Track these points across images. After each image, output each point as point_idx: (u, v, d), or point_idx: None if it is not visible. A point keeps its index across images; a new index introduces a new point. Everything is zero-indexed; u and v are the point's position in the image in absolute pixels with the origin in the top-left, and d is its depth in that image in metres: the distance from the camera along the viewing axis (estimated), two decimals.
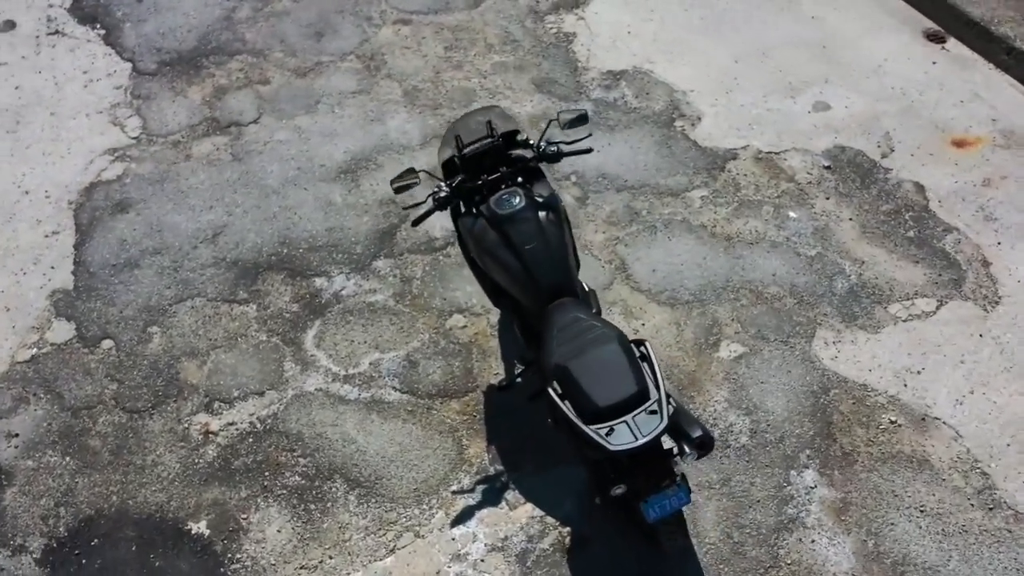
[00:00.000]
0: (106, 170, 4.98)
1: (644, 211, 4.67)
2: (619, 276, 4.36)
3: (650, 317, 4.17)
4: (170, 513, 3.52)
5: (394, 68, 5.64)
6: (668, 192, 4.77)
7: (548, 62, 5.64)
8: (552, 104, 5.33)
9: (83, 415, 3.84)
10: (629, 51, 5.72)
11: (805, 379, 3.90)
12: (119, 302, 4.29)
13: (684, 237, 4.53)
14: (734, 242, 4.50)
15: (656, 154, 4.99)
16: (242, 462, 3.67)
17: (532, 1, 6.16)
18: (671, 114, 5.25)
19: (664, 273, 4.36)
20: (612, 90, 5.42)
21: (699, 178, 4.85)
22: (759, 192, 4.77)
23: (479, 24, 5.98)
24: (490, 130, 3.43)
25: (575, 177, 4.87)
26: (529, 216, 3.28)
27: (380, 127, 5.22)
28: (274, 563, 3.37)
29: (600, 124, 5.18)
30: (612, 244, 4.51)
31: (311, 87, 5.52)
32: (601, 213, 4.67)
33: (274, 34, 5.94)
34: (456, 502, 3.52)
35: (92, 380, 3.96)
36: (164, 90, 5.50)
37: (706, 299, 4.24)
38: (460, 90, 5.46)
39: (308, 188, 4.85)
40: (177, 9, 6.19)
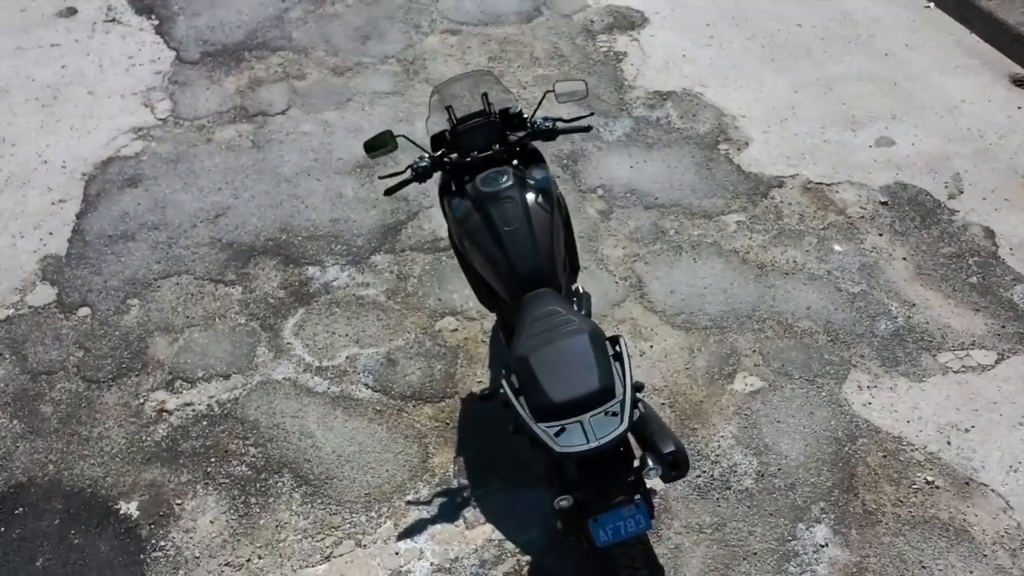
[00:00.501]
0: (126, 147, 4.90)
1: (671, 231, 4.27)
2: (633, 294, 3.95)
3: (660, 339, 3.74)
4: (103, 490, 3.24)
5: (433, 73, 5.46)
6: (701, 214, 4.36)
7: (593, 78, 5.36)
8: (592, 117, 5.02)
9: (41, 380, 3.63)
10: (681, 73, 5.39)
11: (830, 423, 3.39)
12: (106, 272, 4.12)
13: (712, 260, 4.10)
14: (767, 271, 4.05)
15: (694, 175, 4.61)
16: (190, 445, 3.37)
17: (587, 21, 5.93)
18: (716, 137, 4.87)
19: (683, 295, 3.93)
20: (656, 109, 5.09)
21: (737, 203, 4.43)
22: (803, 222, 4.31)
23: (528, 38, 5.77)
24: (487, 105, 3.14)
25: (602, 191, 4.52)
26: (514, 196, 2.94)
27: (407, 127, 5.00)
28: (198, 556, 3.03)
29: (638, 141, 4.84)
30: (631, 261, 4.12)
31: (346, 85, 5.38)
32: (624, 229, 4.29)
33: (321, 34, 5.87)
34: (408, 513, 3.12)
35: (60, 346, 3.77)
36: (201, 78, 5.45)
37: (726, 326, 3.78)
38: None
39: (321, 179, 4.64)
40: (232, 6, 6.20)
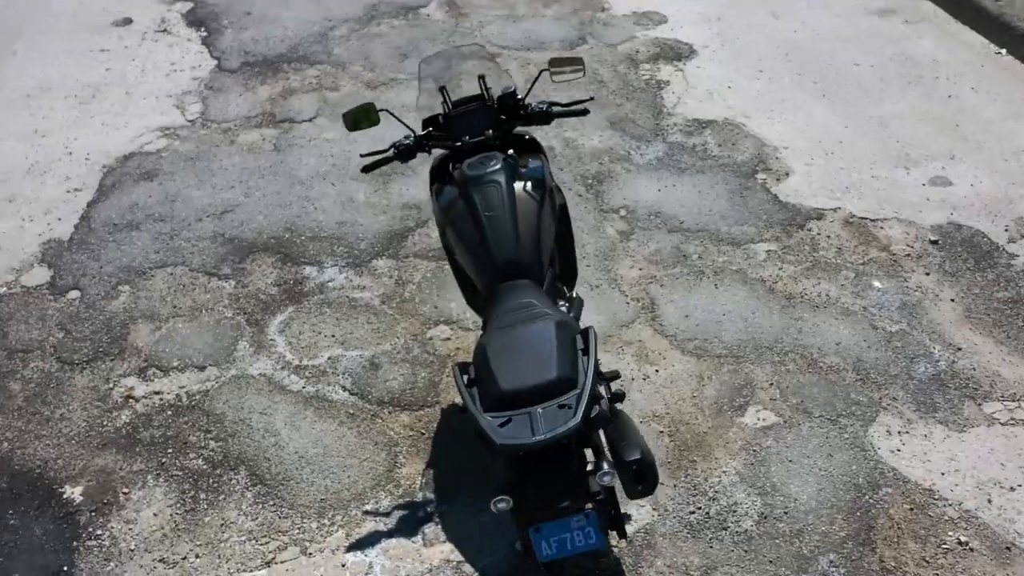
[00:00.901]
0: (150, 144, 4.87)
1: (694, 255, 3.96)
2: (644, 316, 3.64)
3: (668, 364, 3.41)
4: (51, 472, 3.05)
5: (466, 91, 5.31)
6: (729, 240, 4.04)
7: (631, 103, 5.15)
8: (621, 140, 4.80)
9: (17, 357, 3.51)
10: (724, 104, 5.13)
11: (850, 468, 2.98)
12: (103, 258, 4.02)
13: (735, 288, 3.77)
14: (795, 302, 3.69)
15: (726, 201, 4.30)
16: (150, 434, 3.17)
17: (632, 51, 5.75)
18: (754, 166, 4.57)
19: (699, 321, 3.60)
20: (693, 136, 4.83)
21: (770, 232, 4.10)
22: (841, 256, 3.95)
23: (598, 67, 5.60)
24: (484, 88, 2.95)
25: (624, 211, 4.25)
26: (499, 180, 2.71)
27: None
28: (133, 548, 2.79)
29: (669, 165, 4.58)
30: (646, 282, 3.81)
31: (377, 98, 5.28)
32: (643, 250, 4.00)
33: (361, 51, 5.83)
34: (364, 524, 2.84)
35: (43, 326, 3.65)
36: (236, 85, 5.44)
37: (743, 356, 3.43)
38: None
39: (336, 184, 4.50)
40: (279, 22, 6.25)
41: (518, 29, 6.10)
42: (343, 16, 6.34)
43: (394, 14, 6.36)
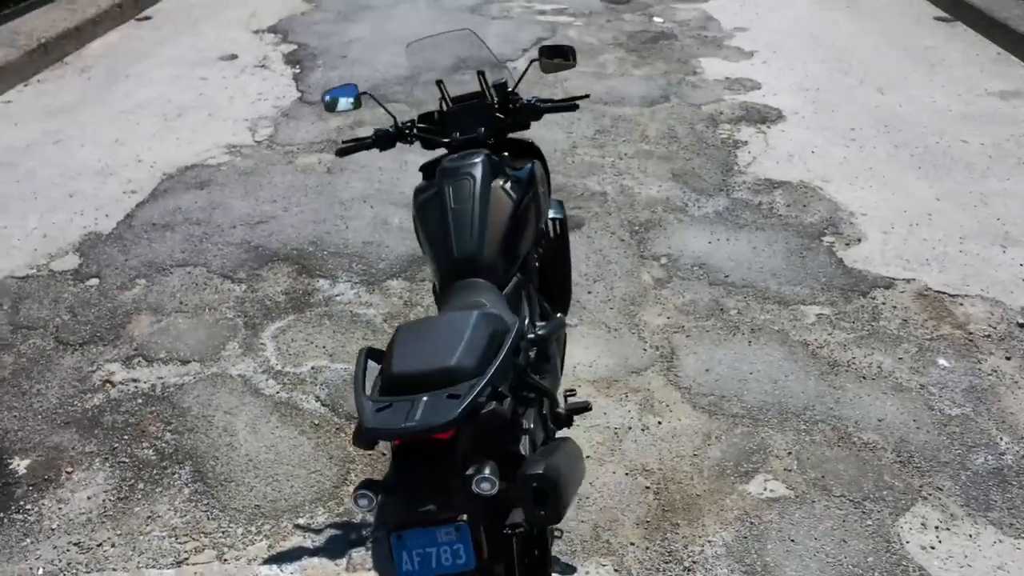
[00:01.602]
0: (213, 158, 4.97)
1: (733, 310, 3.56)
2: (659, 364, 3.26)
3: (674, 418, 3.00)
4: (7, 443, 2.97)
5: (533, 135, 5.18)
6: (776, 299, 3.62)
7: (701, 159, 4.85)
8: (681, 192, 4.50)
9: (19, 333, 3.52)
10: (804, 167, 4.75)
11: (865, 559, 2.47)
12: (131, 253, 4.05)
13: (771, 347, 3.34)
14: (839, 370, 3.21)
15: (782, 260, 3.89)
16: (113, 419, 3.05)
17: (716, 112, 5.49)
18: (823, 228, 4.14)
19: (721, 377, 3.19)
20: (761, 194, 4.46)
21: (826, 295, 3.65)
22: (905, 328, 3.45)
23: (645, 119, 5.40)
24: (484, 86, 2.78)
25: (666, 259, 3.92)
26: (474, 174, 2.49)
27: None
28: (55, 528, 2.63)
29: (728, 220, 4.22)
30: (671, 331, 3.44)
31: None
32: (677, 300, 3.63)
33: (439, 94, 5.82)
34: (291, 538, 2.56)
35: (54, 307, 3.67)
36: (311, 115, 5.54)
37: (763, 419, 2.98)
38: (587, 164, 4.84)
39: (374, 207, 4.41)
40: (371, 65, 6.39)
41: (602, 85, 5.96)
42: (432, 65, 6.40)
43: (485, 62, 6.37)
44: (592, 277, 3.80)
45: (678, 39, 6.88)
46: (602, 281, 3.77)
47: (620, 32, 7.07)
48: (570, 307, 3.00)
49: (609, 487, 2.72)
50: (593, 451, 2.86)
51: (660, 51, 6.61)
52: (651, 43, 6.80)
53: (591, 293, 3.69)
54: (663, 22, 7.34)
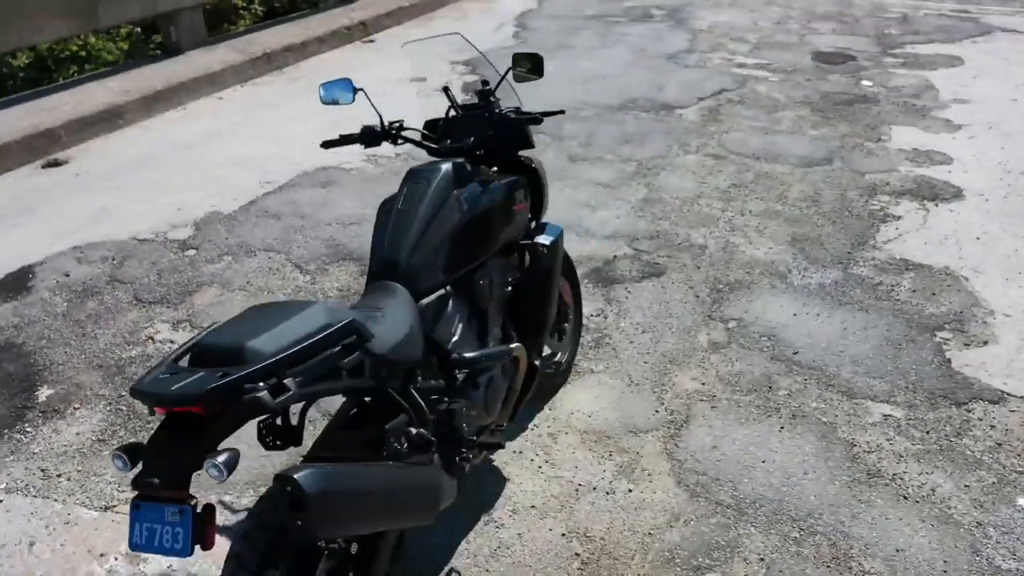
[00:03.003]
0: (349, 163, 5.26)
1: (783, 391, 3.10)
2: (664, 429, 2.91)
3: (649, 488, 2.65)
4: (45, 371, 3.30)
5: (660, 181, 4.94)
6: (842, 389, 3.10)
7: (834, 227, 4.33)
8: (790, 258, 4.03)
9: (112, 284, 3.92)
10: (956, 253, 4.07)
11: None
12: (234, 233, 4.38)
13: (805, 439, 2.85)
14: (878, 482, 2.67)
15: (872, 348, 3.33)
16: (135, 371, 3.29)
17: (880, 181, 4.89)
18: (943, 322, 3.50)
19: (726, 457, 2.77)
20: (887, 274, 3.87)
21: (906, 396, 3.06)
22: (992, 454, 2.79)
23: (793, 179, 4.93)
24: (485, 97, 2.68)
25: (734, 324, 3.51)
26: (432, 179, 2.40)
27: (587, 212, 4.56)
28: (36, 452, 2.87)
29: (829, 294, 3.71)
30: (697, 398, 3.06)
31: (567, 169, 5.15)
32: (724, 368, 3.23)
33: (590, 131, 5.76)
34: None
35: (149, 268, 4.05)
36: None
37: (749, 515, 2.54)
38: (702, 215, 4.50)
39: None
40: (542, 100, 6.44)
41: (763, 140, 5.54)
42: (599, 102, 6.35)
43: (648, 108, 6.21)
44: (643, 327, 3.49)
45: (878, 104, 6.23)
46: (651, 333, 3.45)
47: (815, 92, 6.54)
48: (543, 344, 2.76)
49: (536, 543, 2.45)
50: (543, 503, 2.60)
51: (850, 114, 6.02)
52: (844, 105, 6.21)
53: (632, 343, 3.39)
54: (871, 85, 6.69)
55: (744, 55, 7.61)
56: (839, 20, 9.01)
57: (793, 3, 9.87)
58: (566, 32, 8.66)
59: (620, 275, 3.91)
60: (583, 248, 4.15)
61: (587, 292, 3.76)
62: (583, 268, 3.96)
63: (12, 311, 3.72)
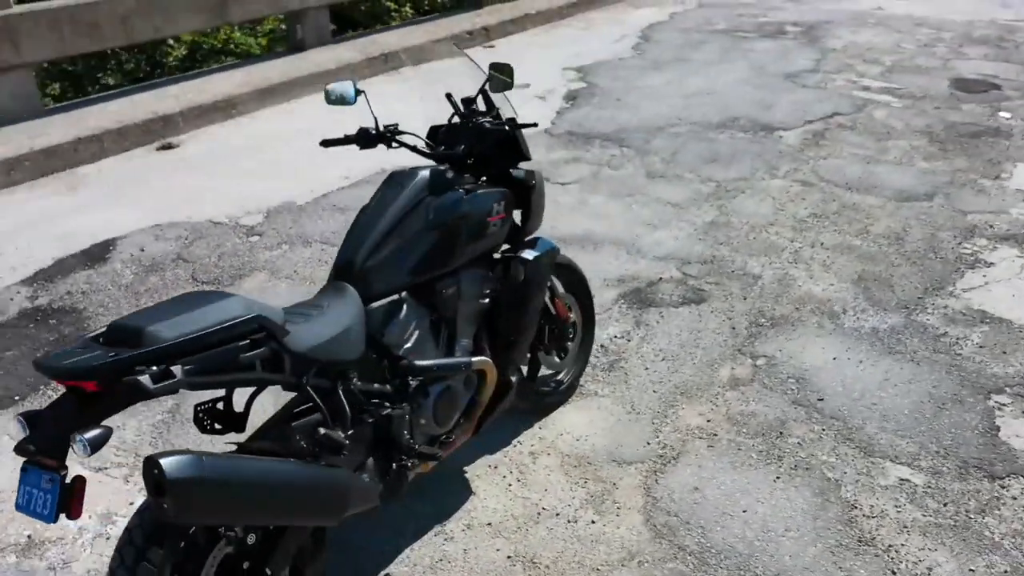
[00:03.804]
0: None
1: (794, 438, 2.88)
2: (650, 463, 2.77)
3: (613, 523, 2.53)
4: None
5: (734, 205, 4.73)
6: (861, 445, 2.85)
7: (912, 268, 3.99)
8: (850, 297, 3.75)
9: (176, 263, 4.18)
10: None
11: None
12: (299, 224, 4.56)
13: (799, 493, 2.63)
14: (868, 552, 2.43)
15: (911, 404, 3.04)
16: None
17: (982, 223, 4.48)
18: (1002, 385, 3.15)
19: (704, 501, 2.60)
20: (956, 325, 3.53)
21: (933, 462, 2.77)
22: (1015, 538, 2.48)
23: (882, 213, 4.59)
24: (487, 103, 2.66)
25: (763, 362, 3.30)
26: (405, 184, 2.41)
27: (646, 230, 4.42)
28: None
29: (881, 341, 3.42)
30: (696, 436, 2.89)
31: (643, 186, 5.02)
32: (736, 407, 3.04)
33: (676, 148, 5.59)
34: None
35: (213, 250, 4.28)
36: (540, 145, 5.67)
37: (711, 565, 2.37)
38: (766, 244, 4.26)
39: None
40: (635, 111, 6.34)
41: (862, 169, 5.18)
42: (696, 119, 6.14)
43: (747, 128, 5.95)
44: (664, 355, 3.35)
45: (1010, 139, 5.67)
46: (670, 362, 3.30)
47: (939, 121, 6.04)
48: (520, 360, 2.69)
49: (479, 561, 2.40)
50: (500, 521, 2.54)
51: (972, 148, 5.52)
52: (969, 138, 5.70)
53: (647, 369, 3.26)
54: (1009, 117, 6.11)
55: (872, 78, 7.13)
56: (996, 45, 8.28)
57: (948, 24, 9.16)
58: (688, 46, 8.44)
59: (659, 298, 3.76)
60: (629, 267, 4.03)
61: (618, 313, 3.64)
62: (622, 288, 3.85)
63: (85, 279, 4.04)
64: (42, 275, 4.09)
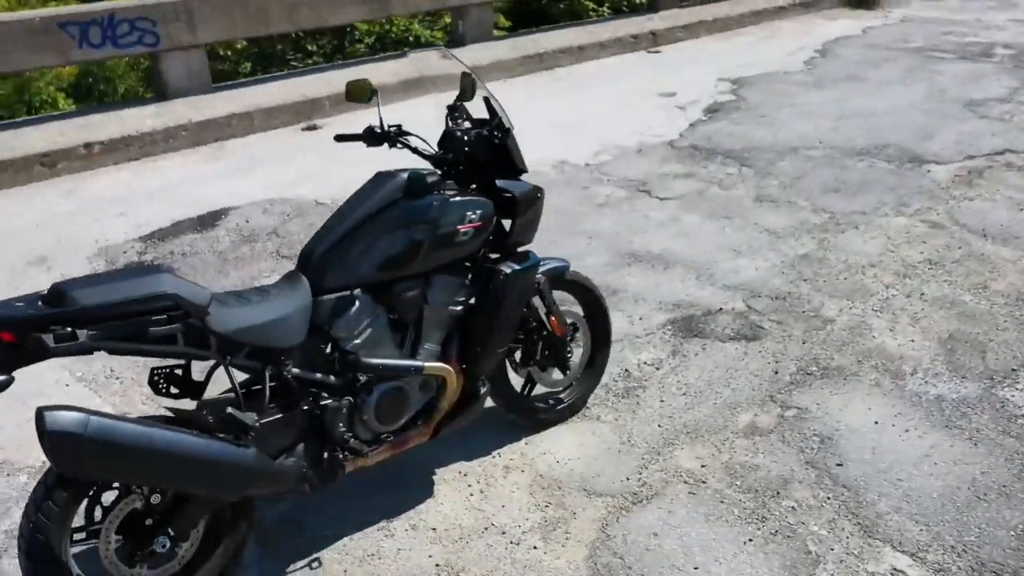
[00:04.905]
0: (542, 168, 5.36)
1: (789, 503, 2.63)
2: (619, 499, 2.64)
3: (555, 553, 2.45)
4: None
5: (839, 240, 4.36)
6: (865, 522, 2.55)
7: (1018, 335, 3.50)
8: (927, 358, 3.36)
9: (271, 236, 4.49)
10: None
11: None
12: None
13: (767, 561, 2.41)
14: None
15: (941, 487, 2.68)
16: None
17: None
18: None
19: (659, 549, 2.45)
20: None
21: (945, 557, 2.43)
22: None
23: (1015, 268, 4.06)
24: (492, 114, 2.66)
25: (793, 413, 3.03)
26: (384, 185, 2.45)
27: (727, 256, 4.19)
28: None
29: (940, 413, 3.04)
30: (680, 479, 2.72)
31: (741, 208, 4.74)
32: (741, 456, 2.82)
33: (802, 171, 5.25)
34: None
35: (305, 227, 4.55)
36: (655, 158, 5.54)
37: None
38: (857, 285, 3.90)
39: (609, 253, 4.31)
40: (776, 129, 6.01)
41: (1013, 216, 4.59)
42: (838, 143, 5.70)
43: (892, 158, 5.45)
44: (687, 389, 3.17)
45: None
46: (691, 398, 3.12)
47: None
48: (488, 371, 2.64)
49: (408, 563, 2.42)
50: (445, 528, 2.54)
51: None
52: None
53: (662, 402, 3.10)
54: None
55: None
56: None
57: None
58: (868, 64, 7.81)
59: (709, 330, 3.56)
60: (691, 293, 3.83)
61: (659, 339, 3.49)
62: (675, 313, 3.68)
63: (189, 242, 4.45)
64: (158, 234, 4.56)
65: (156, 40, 6.05)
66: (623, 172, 5.28)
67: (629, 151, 5.64)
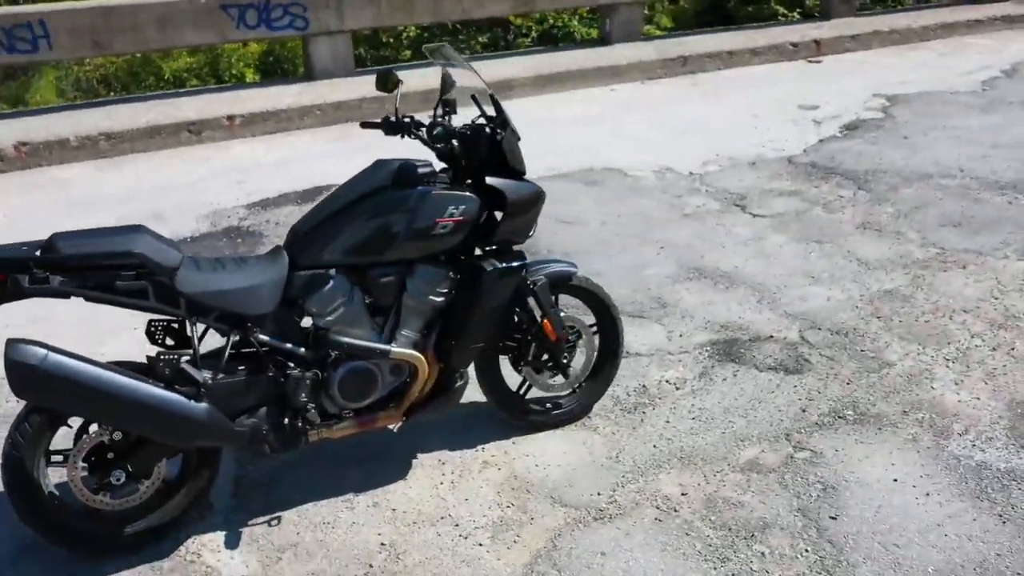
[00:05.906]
0: (638, 171, 5.27)
1: (761, 548, 2.46)
2: (579, 513, 2.58)
3: (494, 552, 2.44)
4: None
5: (936, 279, 3.99)
6: None
7: None
8: (988, 419, 3.01)
9: None
10: None
11: None
12: None
13: None
14: None
15: (942, 560, 2.41)
16: None
17: None
18: None
19: (599, 570, 2.38)
20: None
21: None
22: None
23: None
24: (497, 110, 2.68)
25: (804, 455, 2.83)
26: (377, 172, 2.54)
27: (801, 282, 3.93)
28: None
29: (969, 481, 2.73)
30: (650, 503, 2.62)
31: (841, 233, 4.42)
32: (727, 492, 2.67)
33: (921, 202, 4.80)
34: None
35: None
36: (767, 173, 5.27)
37: None
38: (937, 330, 3.56)
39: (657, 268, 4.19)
40: (916, 149, 5.53)
41: None
42: (981, 174, 5.17)
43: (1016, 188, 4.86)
44: (698, 414, 3.03)
45: None
46: (698, 423, 2.99)
47: None
48: (465, 364, 2.67)
49: (356, 537, 2.50)
50: (404, 511, 2.61)
51: None
52: None
53: (667, 423, 2.99)
54: None
55: None
56: None
57: None
58: None
59: (749, 356, 3.37)
60: (745, 316, 3.64)
61: (692, 359, 3.35)
62: (719, 335, 3.52)
63: (286, 213, 4.77)
64: (262, 203, 4.92)
65: (305, 24, 6.49)
66: (725, 184, 5.07)
67: (741, 163, 5.40)
